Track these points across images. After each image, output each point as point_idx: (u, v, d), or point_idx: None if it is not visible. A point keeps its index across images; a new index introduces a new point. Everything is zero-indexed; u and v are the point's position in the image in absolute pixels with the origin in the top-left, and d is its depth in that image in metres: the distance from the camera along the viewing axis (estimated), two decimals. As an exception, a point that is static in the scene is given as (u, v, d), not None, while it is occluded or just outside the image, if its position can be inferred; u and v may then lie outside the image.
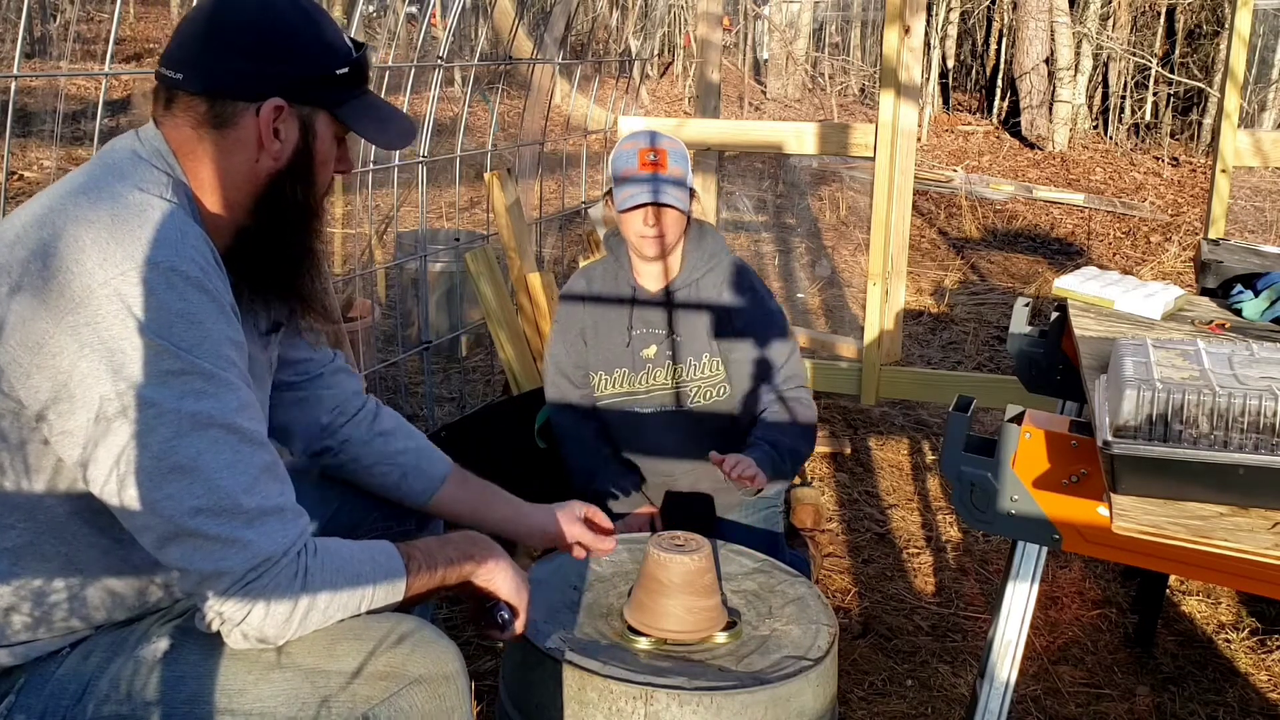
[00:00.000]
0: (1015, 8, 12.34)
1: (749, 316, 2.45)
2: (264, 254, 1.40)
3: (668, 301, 2.45)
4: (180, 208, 1.30)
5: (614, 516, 2.42)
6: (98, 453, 1.22)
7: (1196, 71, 12.11)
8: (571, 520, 1.80)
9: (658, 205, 2.33)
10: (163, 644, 1.34)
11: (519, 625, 1.53)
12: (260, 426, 1.31)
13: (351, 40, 1.43)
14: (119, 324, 1.20)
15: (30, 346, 1.21)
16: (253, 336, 1.46)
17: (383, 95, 3.46)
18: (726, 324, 2.45)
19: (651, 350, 2.45)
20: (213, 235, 1.34)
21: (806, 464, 3.73)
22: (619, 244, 2.50)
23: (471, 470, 1.82)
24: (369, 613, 1.36)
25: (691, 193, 2.40)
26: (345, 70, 1.38)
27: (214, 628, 1.28)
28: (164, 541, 1.24)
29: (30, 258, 1.24)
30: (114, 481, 1.22)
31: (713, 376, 2.45)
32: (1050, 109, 11.62)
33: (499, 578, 1.50)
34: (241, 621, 1.26)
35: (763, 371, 2.45)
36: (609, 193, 2.44)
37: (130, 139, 1.36)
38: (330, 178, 1.45)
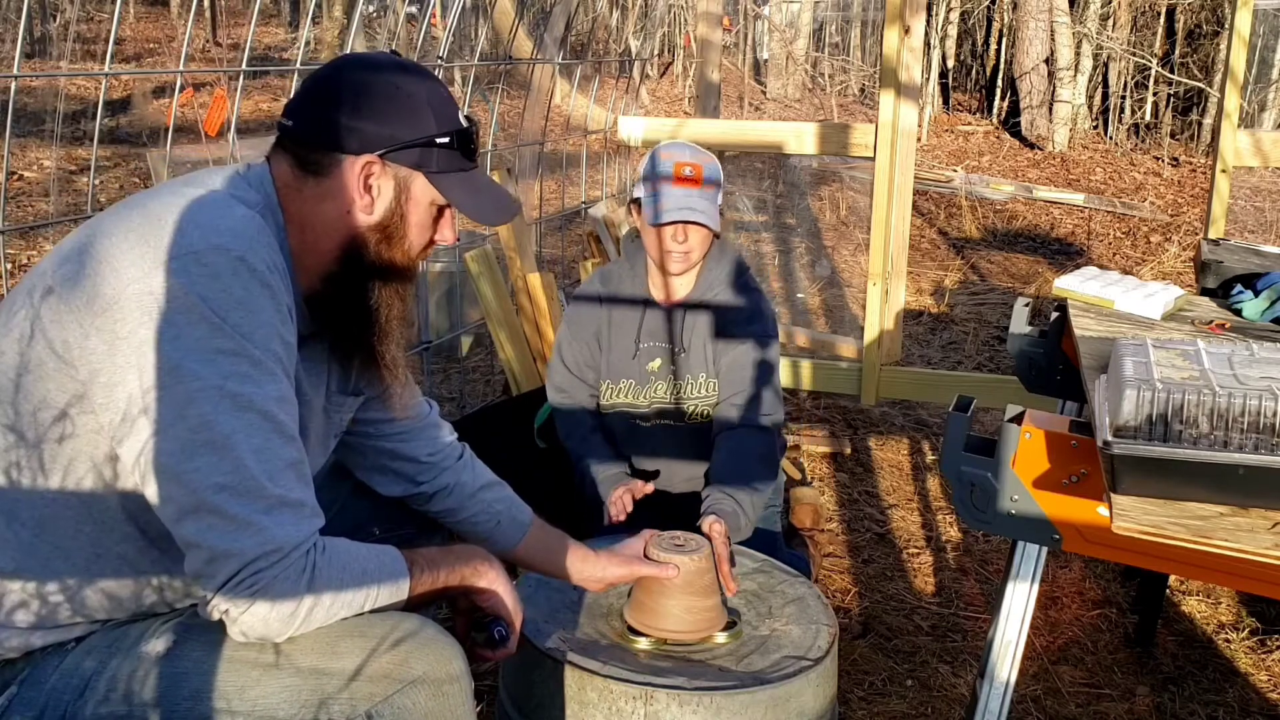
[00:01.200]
0: (1015, 8, 12.35)
1: (744, 336, 2.39)
2: (343, 303, 1.44)
3: (681, 317, 2.40)
4: (263, 219, 1.36)
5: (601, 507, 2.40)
6: (140, 420, 1.25)
7: (1196, 71, 12.11)
8: (629, 562, 1.79)
9: (689, 224, 2.28)
10: (164, 642, 1.35)
11: (513, 643, 1.53)
12: (294, 423, 1.34)
13: (466, 118, 1.48)
14: (180, 298, 1.25)
15: (96, 310, 1.26)
16: (319, 386, 1.50)
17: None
18: (723, 342, 2.40)
19: (656, 364, 2.41)
20: (300, 274, 1.42)
21: (806, 464, 3.73)
22: (636, 250, 2.44)
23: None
24: (371, 612, 1.37)
25: (722, 211, 2.35)
26: (446, 140, 1.43)
27: (215, 617, 1.29)
28: (183, 514, 1.26)
29: (77, 251, 1.30)
30: (149, 448, 1.25)
31: (708, 396, 2.40)
32: (1050, 109, 11.63)
33: (499, 589, 1.51)
34: (245, 612, 1.27)
35: (739, 394, 2.37)
36: (635, 201, 2.37)
37: (235, 165, 1.45)
38: (426, 244, 1.48)
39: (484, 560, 1.51)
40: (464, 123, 1.46)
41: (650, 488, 2.36)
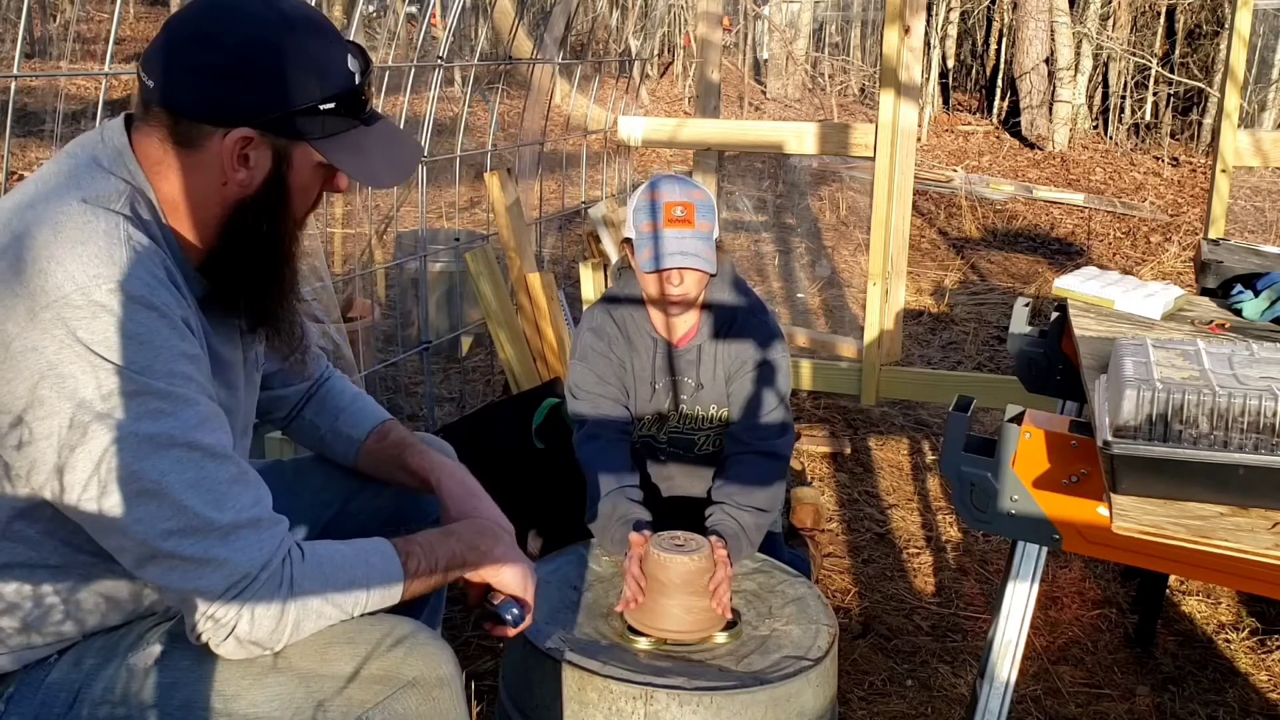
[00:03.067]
0: (1015, 8, 12.34)
1: (757, 359, 2.33)
2: (230, 276, 1.36)
3: (696, 354, 2.34)
4: (129, 219, 1.25)
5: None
6: (65, 479, 1.20)
7: (1196, 71, 12.11)
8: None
9: (684, 269, 2.18)
10: (155, 649, 1.33)
11: (528, 619, 1.50)
12: (224, 438, 1.27)
13: (356, 60, 1.33)
14: (67, 350, 1.16)
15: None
16: (234, 339, 1.44)
17: (383, 96, 3.46)
18: (735, 372, 2.34)
19: (669, 400, 2.37)
20: (184, 249, 1.33)
21: (806, 464, 3.73)
22: (630, 281, 2.35)
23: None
24: (363, 615, 1.35)
25: (718, 245, 2.26)
26: (331, 106, 1.30)
27: (202, 641, 1.27)
28: (142, 562, 1.23)
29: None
30: (85, 506, 1.21)
31: (720, 427, 2.36)
32: (1050, 109, 11.62)
33: (505, 573, 1.47)
34: (228, 637, 1.25)
35: (750, 416, 2.32)
36: (628, 240, 2.29)
37: (93, 141, 1.31)
38: (311, 205, 1.39)
39: (490, 541, 1.48)
40: (352, 77, 1.32)
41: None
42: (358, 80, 1.33)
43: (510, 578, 1.48)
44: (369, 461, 1.73)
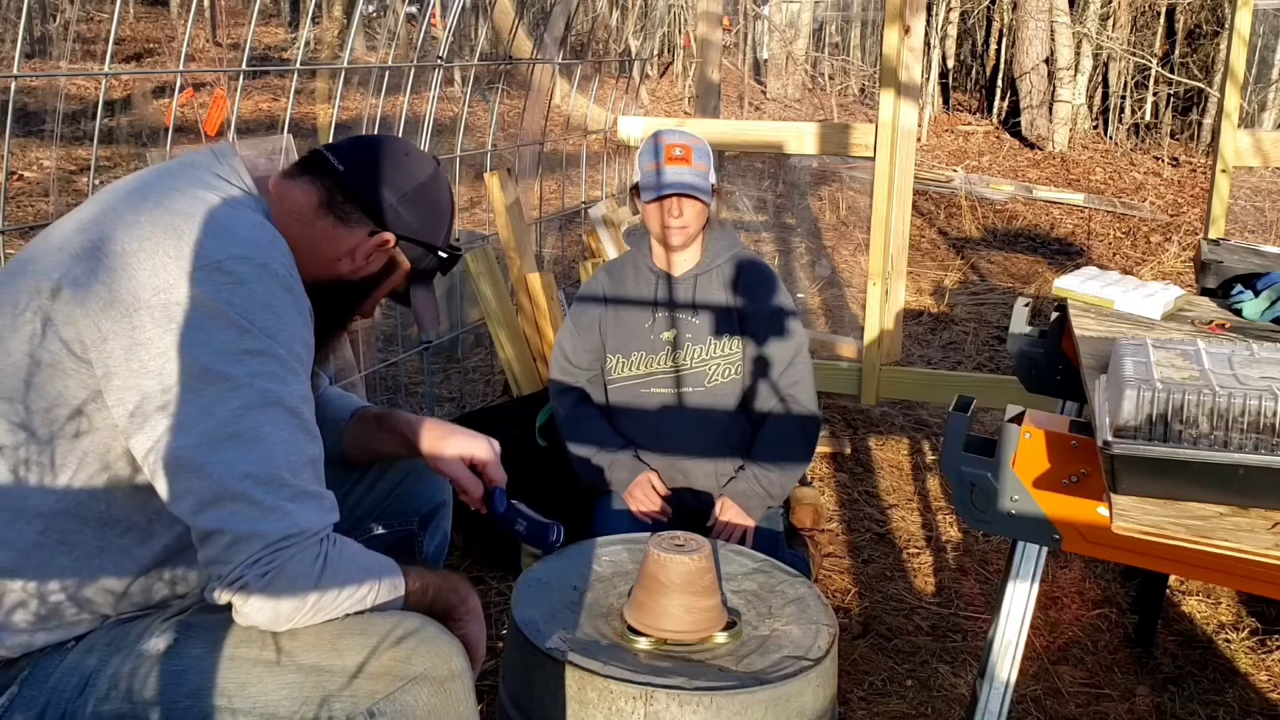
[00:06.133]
0: (1015, 8, 12.34)
1: (761, 308, 2.53)
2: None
3: (693, 282, 2.54)
4: (270, 225, 1.44)
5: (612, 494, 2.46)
6: (155, 417, 1.27)
7: (1196, 71, 12.10)
8: (453, 460, 1.80)
9: (682, 195, 2.42)
10: (164, 639, 1.35)
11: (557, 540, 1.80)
12: (314, 422, 1.38)
13: (455, 243, 1.68)
14: (208, 305, 1.30)
15: (115, 315, 1.28)
16: None
17: (382, 96, 3.47)
18: (741, 311, 2.53)
19: (671, 333, 2.53)
20: None
21: (806, 464, 3.74)
22: (641, 237, 2.60)
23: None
24: (371, 610, 1.38)
25: (714, 189, 2.49)
26: (445, 255, 1.64)
27: (224, 599, 1.29)
28: (204, 505, 1.27)
29: (89, 251, 1.32)
30: (164, 444, 1.27)
31: (732, 355, 2.52)
32: (1050, 109, 11.62)
33: (472, 620, 1.54)
34: (257, 593, 1.28)
35: (766, 367, 2.51)
36: (635, 188, 2.52)
37: (208, 161, 1.47)
38: (370, 308, 1.65)
39: (465, 585, 1.55)
40: (457, 246, 1.66)
41: (661, 485, 2.43)
42: (458, 250, 1.67)
43: (475, 629, 1.54)
44: (352, 438, 1.82)
